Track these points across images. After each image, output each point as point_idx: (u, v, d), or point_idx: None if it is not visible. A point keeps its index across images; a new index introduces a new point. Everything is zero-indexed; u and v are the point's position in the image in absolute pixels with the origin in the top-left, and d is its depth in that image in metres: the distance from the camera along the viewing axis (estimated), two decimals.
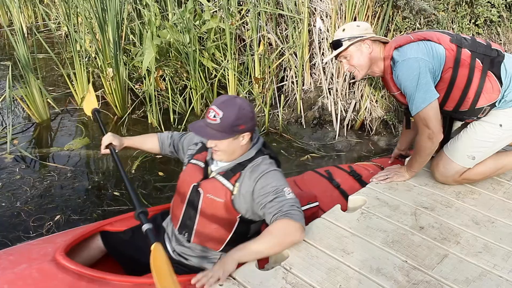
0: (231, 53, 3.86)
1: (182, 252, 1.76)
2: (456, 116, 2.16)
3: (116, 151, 1.94)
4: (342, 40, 2.08)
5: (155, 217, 1.96)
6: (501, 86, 2.01)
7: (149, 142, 2.03)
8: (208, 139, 1.64)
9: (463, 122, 2.20)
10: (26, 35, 5.82)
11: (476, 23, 3.70)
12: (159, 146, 2.02)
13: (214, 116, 1.58)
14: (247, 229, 1.73)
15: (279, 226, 1.55)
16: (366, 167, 2.51)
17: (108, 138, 1.95)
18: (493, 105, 2.05)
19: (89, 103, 2.31)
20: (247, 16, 4.04)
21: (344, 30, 2.11)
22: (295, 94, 4.05)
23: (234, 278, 1.52)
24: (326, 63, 3.84)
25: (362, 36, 2.07)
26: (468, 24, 3.65)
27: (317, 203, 2.09)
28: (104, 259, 1.89)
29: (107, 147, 1.94)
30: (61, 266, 1.55)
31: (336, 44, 2.11)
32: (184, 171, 1.82)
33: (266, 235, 1.55)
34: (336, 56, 2.15)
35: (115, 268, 1.85)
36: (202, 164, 1.76)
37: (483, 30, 3.72)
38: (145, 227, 1.53)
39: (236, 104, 1.59)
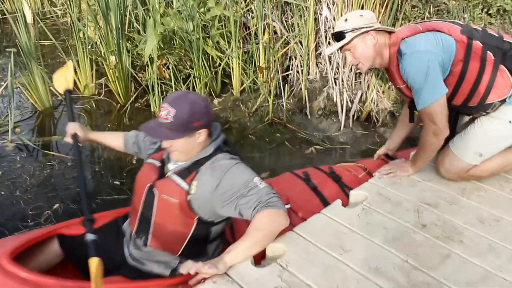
0: (235, 41, 3.79)
1: (140, 257, 1.68)
2: (464, 110, 2.08)
3: (79, 143, 1.86)
4: (345, 32, 1.99)
5: (117, 220, 1.87)
6: None
7: (115, 140, 1.98)
8: (162, 139, 1.57)
9: (470, 117, 2.13)
10: (32, 22, 5.79)
11: (489, 12, 3.57)
12: (123, 144, 1.96)
13: (167, 115, 1.50)
14: (207, 231, 1.65)
15: (264, 216, 1.49)
16: (349, 168, 2.42)
17: (73, 127, 1.88)
18: (503, 101, 1.96)
19: (63, 80, 2.12)
20: (252, 3, 3.95)
21: (346, 20, 2.01)
22: (300, 83, 3.97)
23: (228, 275, 1.47)
24: (332, 52, 3.76)
25: (366, 27, 1.98)
26: (480, 13, 3.53)
27: (288, 206, 2.02)
28: (65, 263, 1.80)
29: (71, 137, 1.87)
30: (4, 271, 1.47)
31: (338, 36, 2.02)
32: (140, 171, 1.74)
33: (253, 230, 1.49)
34: (340, 48, 2.07)
35: (75, 272, 1.77)
36: (158, 163, 1.69)
37: (496, 20, 3.59)
38: (89, 237, 1.43)
39: (188, 100, 1.52)
